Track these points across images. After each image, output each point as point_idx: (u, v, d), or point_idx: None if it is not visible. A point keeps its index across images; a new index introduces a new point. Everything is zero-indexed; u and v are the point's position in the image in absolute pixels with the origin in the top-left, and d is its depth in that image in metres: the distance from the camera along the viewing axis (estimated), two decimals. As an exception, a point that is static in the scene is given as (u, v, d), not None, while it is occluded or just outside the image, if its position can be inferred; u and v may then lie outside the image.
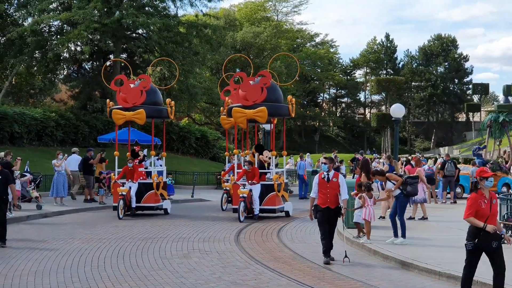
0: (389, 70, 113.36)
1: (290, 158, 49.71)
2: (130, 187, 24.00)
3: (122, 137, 38.80)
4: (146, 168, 26.33)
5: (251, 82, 23.91)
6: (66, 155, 28.28)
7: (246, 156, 26.37)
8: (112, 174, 27.22)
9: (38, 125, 39.34)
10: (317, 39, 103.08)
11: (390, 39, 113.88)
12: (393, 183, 16.57)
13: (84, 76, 50.47)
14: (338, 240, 16.48)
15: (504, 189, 32.71)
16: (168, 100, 26.35)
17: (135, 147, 27.26)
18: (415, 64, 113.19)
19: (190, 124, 47.28)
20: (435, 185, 29.34)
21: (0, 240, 16.10)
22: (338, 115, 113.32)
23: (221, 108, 31.28)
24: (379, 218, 20.63)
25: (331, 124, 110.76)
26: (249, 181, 22.99)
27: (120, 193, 23.45)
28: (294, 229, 20.38)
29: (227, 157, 30.49)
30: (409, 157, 38.66)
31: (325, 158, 14.84)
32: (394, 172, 18.99)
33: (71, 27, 46.11)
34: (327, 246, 14.21)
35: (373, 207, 16.64)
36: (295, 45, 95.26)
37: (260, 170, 24.00)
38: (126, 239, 17.69)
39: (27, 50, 45.14)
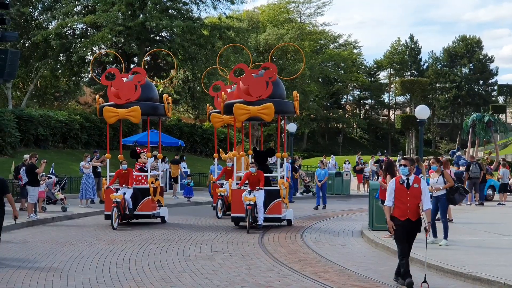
0: (413, 71, 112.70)
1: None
2: (124, 193, 21.35)
3: (145, 139, 38.97)
4: (155, 169, 25.59)
5: (253, 75, 21.22)
6: (94, 157, 28.39)
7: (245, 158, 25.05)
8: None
9: (63, 127, 39.62)
10: (340, 40, 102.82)
11: (415, 40, 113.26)
12: (444, 182, 16.35)
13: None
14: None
15: (490, 191, 32.36)
16: (165, 95, 23.73)
17: (137, 148, 24.91)
18: (440, 65, 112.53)
19: (212, 126, 47.17)
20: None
21: None
22: (361, 116, 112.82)
23: (207, 105, 30.35)
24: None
25: (354, 126, 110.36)
26: (257, 187, 20.29)
27: (113, 200, 20.80)
28: (318, 231, 20.31)
29: (215, 159, 27.72)
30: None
31: (404, 159, 12.12)
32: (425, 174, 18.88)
33: (95, 30, 46.42)
34: (408, 266, 11.86)
35: None
36: (318, 47, 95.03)
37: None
38: (150, 241, 17.73)
39: (52, 53, 45.56)
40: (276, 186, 21.28)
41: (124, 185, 21.48)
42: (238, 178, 22.76)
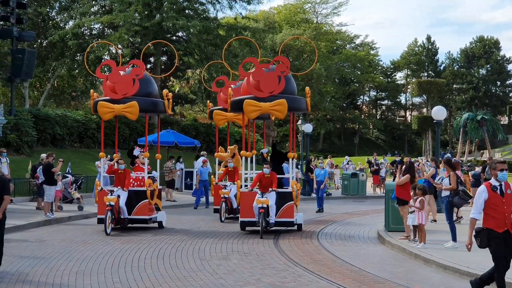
0: (430, 72, 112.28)
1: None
2: (119, 196, 19.61)
3: (161, 139, 39.05)
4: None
5: (264, 69, 19.81)
6: (109, 156, 28.45)
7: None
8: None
9: (80, 127, 39.79)
10: (357, 41, 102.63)
11: (432, 41, 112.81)
12: (449, 183, 16.26)
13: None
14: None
15: None
16: (165, 91, 21.72)
17: (135, 147, 23.28)
18: (457, 66, 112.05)
19: (230, 126, 47.23)
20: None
21: None
22: (378, 117, 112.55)
23: (208, 101, 29.72)
24: (431, 222, 20.44)
25: (371, 127, 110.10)
26: (270, 189, 19.05)
27: (107, 203, 19.12)
28: (333, 232, 20.25)
29: (217, 159, 26.48)
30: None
31: (503, 162, 10.56)
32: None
33: (112, 30, 46.61)
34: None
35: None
36: (334, 47, 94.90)
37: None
38: (166, 240, 17.76)
39: (69, 53, 45.77)
40: (288, 188, 20.33)
41: (119, 187, 19.73)
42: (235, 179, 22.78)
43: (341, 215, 25.57)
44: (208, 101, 30.20)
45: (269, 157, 22.50)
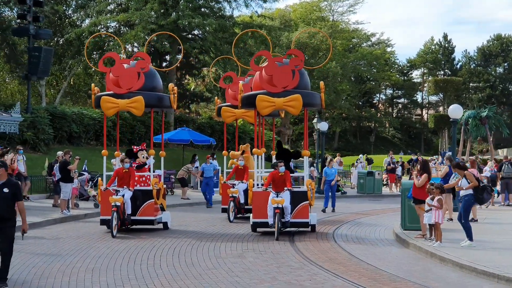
0: (446, 70, 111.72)
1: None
2: (123, 195, 18.77)
3: (177, 137, 39.17)
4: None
5: (278, 63, 18.84)
6: (123, 153, 28.48)
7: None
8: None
9: (96, 125, 39.92)
10: (373, 39, 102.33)
11: (448, 39, 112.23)
12: (468, 182, 16.16)
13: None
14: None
15: None
16: (170, 85, 20.85)
17: (133, 147, 22.12)
18: (473, 64, 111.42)
19: (245, 124, 47.24)
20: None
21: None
22: (394, 115, 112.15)
23: (215, 98, 29.42)
24: (447, 220, 20.35)
25: (387, 125, 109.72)
26: (285, 188, 18.16)
27: (113, 204, 18.23)
28: (349, 230, 20.20)
29: (225, 157, 25.80)
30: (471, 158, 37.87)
31: None
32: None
33: (128, 28, 46.75)
34: None
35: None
36: (351, 45, 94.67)
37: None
38: (181, 238, 17.78)
39: (85, 51, 45.91)
40: (300, 187, 19.60)
41: (125, 186, 18.83)
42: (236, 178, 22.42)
43: (357, 214, 25.51)
44: (216, 97, 29.75)
45: (274, 156, 21.99)
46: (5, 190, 11.07)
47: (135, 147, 21.57)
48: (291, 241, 17.33)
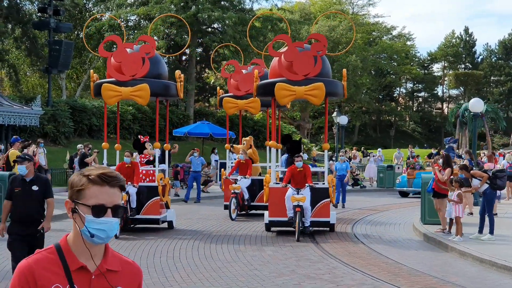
0: (467, 64, 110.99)
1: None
2: (128, 192, 17.24)
3: (196, 131, 39.21)
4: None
5: (298, 48, 17.36)
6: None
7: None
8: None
9: (116, 118, 39.98)
10: (394, 32, 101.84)
11: (469, 33, 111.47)
12: (479, 180, 16.12)
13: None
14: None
15: None
16: (177, 72, 19.03)
17: (140, 136, 20.95)
18: (495, 58, 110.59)
19: (264, 118, 47.22)
20: None
21: None
22: (414, 109, 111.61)
23: (218, 88, 27.31)
24: (467, 215, 20.25)
25: (407, 119, 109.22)
26: (306, 185, 16.73)
27: None
28: (368, 224, 20.14)
29: (227, 151, 24.85)
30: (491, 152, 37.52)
31: None
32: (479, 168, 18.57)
33: (148, 21, 46.87)
34: None
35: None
36: (371, 39, 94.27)
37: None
38: (200, 231, 17.82)
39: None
40: (318, 183, 18.40)
41: (129, 182, 17.16)
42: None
43: (376, 208, 25.43)
44: (218, 87, 28.78)
45: (285, 149, 21.07)
46: (35, 188, 9.49)
47: (142, 137, 20.46)
48: (310, 235, 17.29)
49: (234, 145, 24.15)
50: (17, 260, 8.66)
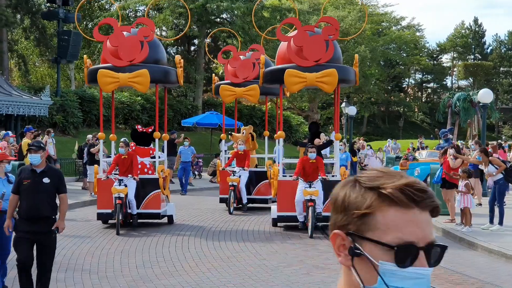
0: (477, 55, 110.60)
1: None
2: (126, 186, 15.83)
3: (205, 121, 39.24)
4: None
5: (309, 32, 16.36)
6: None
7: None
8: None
9: (125, 108, 40.13)
10: (403, 23, 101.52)
11: (479, 23, 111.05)
12: (496, 168, 16.09)
13: (169, 60, 51.23)
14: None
15: None
16: (177, 57, 17.98)
17: (137, 126, 19.75)
18: (504, 49, 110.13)
19: (273, 108, 47.21)
20: None
21: None
22: (423, 100, 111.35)
23: (213, 75, 26.26)
24: (476, 205, 20.20)
25: (416, 110, 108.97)
26: (319, 177, 15.72)
27: (116, 196, 15.46)
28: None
29: (223, 141, 23.85)
30: (501, 142, 37.43)
31: None
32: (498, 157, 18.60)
33: (157, 11, 46.86)
34: None
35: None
36: (380, 29, 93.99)
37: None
38: (209, 222, 17.85)
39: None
40: (332, 176, 16.98)
41: (129, 175, 15.99)
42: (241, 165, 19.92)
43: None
44: (213, 74, 27.95)
45: (306, 140, 20.29)
46: (45, 180, 8.64)
47: (140, 126, 19.47)
48: (319, 225, 17.28)
49: (233, 133, 23.37)
50: (20, 262, 8.48)
